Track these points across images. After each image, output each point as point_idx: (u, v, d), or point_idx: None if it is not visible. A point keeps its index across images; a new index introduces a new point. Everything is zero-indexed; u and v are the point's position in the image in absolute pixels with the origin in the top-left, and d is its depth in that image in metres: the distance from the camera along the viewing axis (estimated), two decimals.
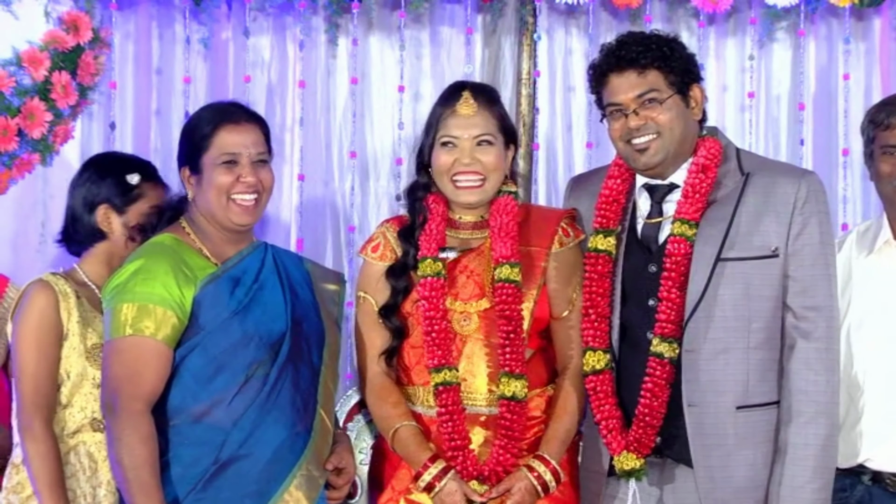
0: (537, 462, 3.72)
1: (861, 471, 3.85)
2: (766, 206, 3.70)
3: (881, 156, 3.87)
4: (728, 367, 3.66)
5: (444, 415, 3.71)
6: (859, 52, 4.97)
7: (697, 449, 3.67)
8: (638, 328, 3.73)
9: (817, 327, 3.66)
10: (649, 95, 3.68)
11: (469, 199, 3.82)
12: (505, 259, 3.75)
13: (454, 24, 4.97)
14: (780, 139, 5.01)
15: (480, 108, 3.81)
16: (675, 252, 3.67)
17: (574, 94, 5.04)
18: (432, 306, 3.74)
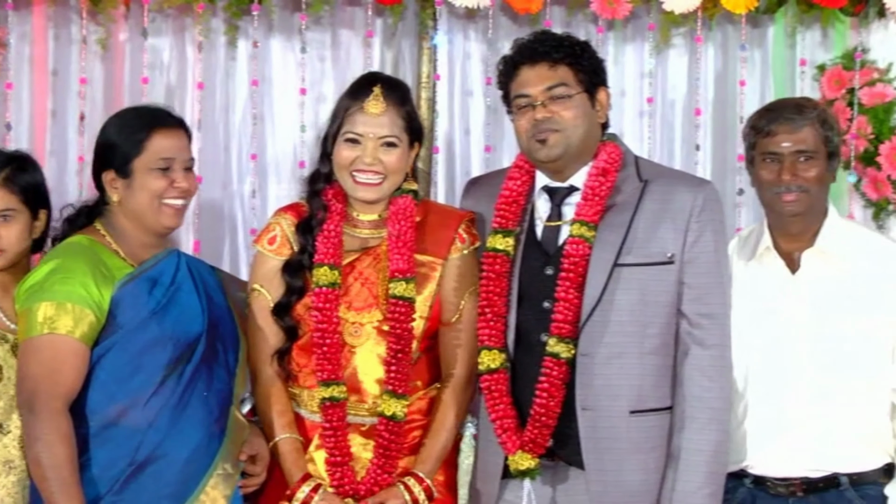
0: (413, 480, 3.73)
1: (743, 474, 3.88)
2: (663, 213, 3.73)
3: (762, 162, 3.89)
4: (623, 371, 3.69)
5: (329, 430, 3.71)
6: (755, 59, 5.02)
7: (590, 453, 3.69)
8: (532, 330, 3.75)
9: (711, 334, 3.71)
10: (558, 90, 3.72)
11: (366, 196, 3.79)
12: (401, 274, 3.73)
13: (354, 26, 4.97)
14: (676, 145, 5.06)
15: (389, 107, 3.77)
16: (574, 253, 3.69)
17: (473, 99, 5.06)
18: (325, 318, 3.72)
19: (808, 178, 3.83)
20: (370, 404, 3.74)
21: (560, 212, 3.81)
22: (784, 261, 3.90)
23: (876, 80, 4.85)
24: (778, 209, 3.87)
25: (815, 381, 3.81)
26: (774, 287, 3.90)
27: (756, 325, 3.87)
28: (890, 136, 4.81)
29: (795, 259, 3.90)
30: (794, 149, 3.84)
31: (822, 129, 3.86)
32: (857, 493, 3.82)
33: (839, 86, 4.87)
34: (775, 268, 3.91)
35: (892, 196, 4.82)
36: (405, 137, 3.80)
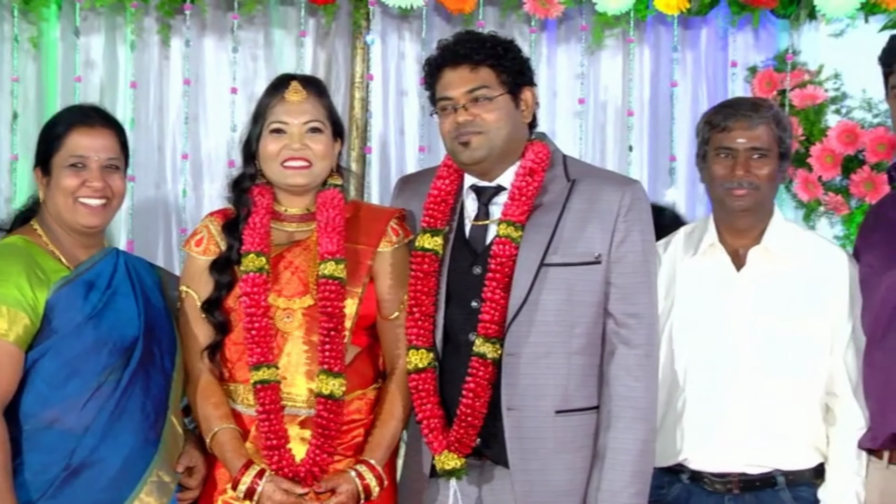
0: (364, 468, 3.71)
1: (680, 469, 3.91)
2: (590, 213, 3.74)
3: (715, 157, 3.92)
4: (549, 371, 3.70)
5: (263, 413, 3.69)
6: (687, 60, 5.06)
7: (515, 453, 3.69)
8: (460, 329, 3.75)
9: (638, 334, 3.72)
10: (479, 92, 3.71)
11: (297, 181, 3.79)
12: (330, 255, 3.73)
13: (287, 26, 4.97)
14: (609, 145, 5.08)
15: (310, 96, 3.81)
16: (501, 253, 3.69)
17: (407, 98, 5.07)
18: (254, 303, 3.71)
19: (761, 175, 3.88)
20: (305, 395, 3.73)
21: (488, 211, 3.81)
22: (730, 257, 3.94)
23: (807, 82, 4.89)
24: (728, 204, 3.91)
25: (754, 377, 3.85)
26: (718, 283, 3.94)
27: (698, 320, 3.91)
28: (821, 138, 4.85)
29: (741, 256, 3.94)
30: (748, 145, 3.88)
31: (776, 129, 3.91)
32: (791, 494, 3.86)
33: (770, 87, 4.90)
34: (720, 263, 3.95)
35: (823, 197, 4.85)
36: (329, 126, 3.82)
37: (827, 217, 4.90)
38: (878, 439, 3.79)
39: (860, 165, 4.77)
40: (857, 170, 4.78)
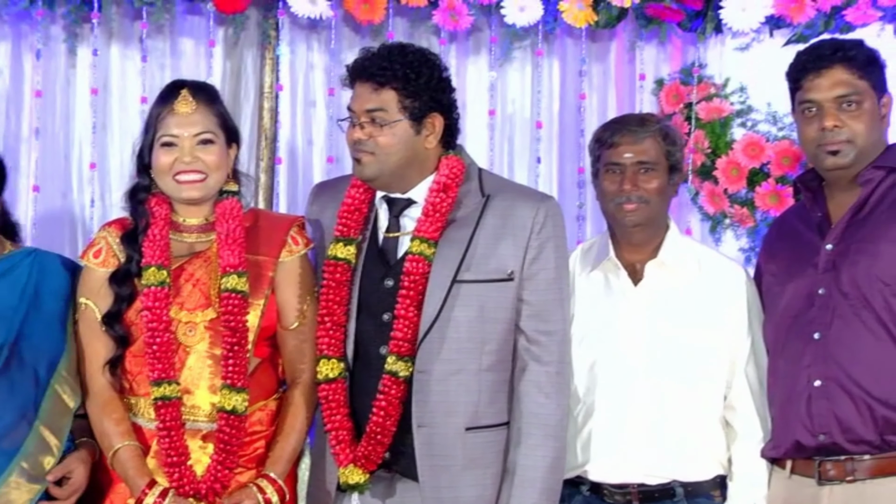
0: (265, 481, 3.72)
1: (580, 481, 3.92)
2: (503, 229, 3.75)
3: (605, 173, 3.96)
4: (459, 388, 3.71)
5: (163, 430, 3.67)
6: (595, 73, 5.07)
7: (425, 469, 3.70)
8: (371, 341, 3.75)
9: (549, 351, 3.75)
10: (377, 114, 3.70)
11: (192, 195, 3.77)
12: (232, 268, 3.72)
13: (196, 35, 4.94)
14: (519, 157, 5.09)
15: (200, 106, 3.77)
16: (413, 271, 3.69)
17: (316, 109, 5.05)
18: (156, 317, 3.69)
19: (649, 189, 3.91)
20: (208, 409, 3.71)
21: (399, 223, 3.81)
22: (626, 272, 3.96)
23: (713, 95, 4.92)
24: (619, 219, 3.94)
25: (652, 389, 3.88)
26: (617, 297, 3.96)
27: (598, 334, 3.92)
28: (727, 151, 4.88)
29: (638, 270, 3.96)
30: (635, 160, 3.91)
31: (663, 143, 3.94)
32: None
33: (677, 100, 4.94)
34: (618, 278, 3.96)
35: (729, 210, 4.88)
36: (221, 135, 3.80)
37: (732, 229, 4.93)
38: (781, 448, 3.83)
39: (765, 178, 4.81)
40: (763, 183, 4.81)
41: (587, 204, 4.88)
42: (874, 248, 3.72)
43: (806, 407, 3.75)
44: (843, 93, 3.79)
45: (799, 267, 3.85)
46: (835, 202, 3.87)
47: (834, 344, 3.73)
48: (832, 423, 3.72)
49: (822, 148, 3.80)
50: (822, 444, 3.74)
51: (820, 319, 3.76)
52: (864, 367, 3.70)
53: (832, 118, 3.78)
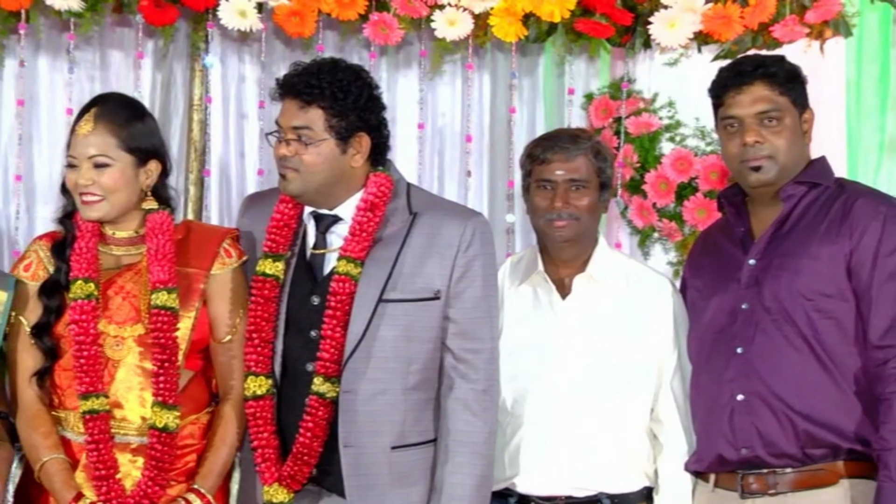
0: (194, 496, 3.71)
1: (508, 493, 3.93)
2: (430, 247, 3.75)
3: (536, 189, 3.97)
4: (385, 408, 3.71)
5: (92, 443, 3.65)
6: (525, 87, 5.07)
7: (352, 488, 3.70)
8: (298, 358, 3.75)
9: (476, 369, 3.75)
10: (303, 132, 3.68)
11: (89, 216, 3.75)
12: (162, 284, 3.70)
13: (124, 47, 4.91)
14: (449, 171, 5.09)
15: (98, 127, 3.73)
16: (340, 291, 3.68)
17: (247, 121, 5.03)
18: (83, 330, 3.67)
19: (580, 206, 3.92)
20: (138, 423, 3.69)
21: (325, 239, 3.80)
22: (555, 286, 3.97)
23: (642, 110, 4.93)
24: (550, 235, 3.95)
25: (580, 401, 3.89)
26: (545, 311, 3.97)
27: (526, 348, 3.93)
28: (655, 165, 4.89)
29: (567, 284, 3.97)
30: (567, 177, 3.92)
31: (595, 160, 3.95)
32: None
33: (606, 115, 4.94)
34: (546, 292, 3.97)
35: (657, 224, 4.90)
36: (122, 156, 3.74)
37: (661, 243, 4.94)
38: (705, 461, 3.85)
39: (693, 192, 4.82)
40: (691, 197, 4.83)
41: (516, 217, 4.87)
42: (795, 263, 3.75)
43: (729, 421, 3.77)
44: (763, 109, 3.81)
45: (722, 282, 3.87)
46: (757, 217, 3.90)
47: (756, 358, 3.75)
48: (754, 437, 3.74)
49: (745, 164, 3.82)
50: (744, 457, 3.76)
51: (743, 334, 3.79)
52: (785, 382, 3.72)
53: (753, 134, 3.80)
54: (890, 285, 3.67)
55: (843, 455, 3.70)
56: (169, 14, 4.67)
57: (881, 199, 3.86)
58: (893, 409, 3.61)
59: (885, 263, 3.68)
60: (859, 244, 3.70)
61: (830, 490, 3.70)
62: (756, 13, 4.76)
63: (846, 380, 3.71)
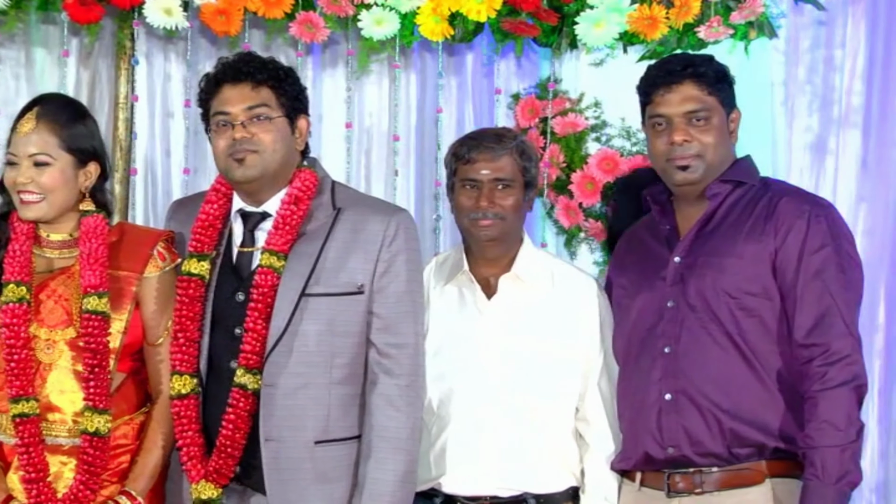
0: (125, 499, 3.68)
1: (434, 493, 3.92)
2: (354, 242, 3.74)
3: (461, 189, 3.96)
4: (308, 402, 3.68)
5: (22, 447, 3.62)
6: (452, 86, 5.08)
7: (273, 483, 3.66)
8: (223, 356, 3.72)
9: (400, 364, 3.72)
10: (259, 110, 3.70)
11: (28, 216, 3.72)
12: (93, 289, 3.67)
13: (49, 45, 4.85)
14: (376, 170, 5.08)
15: (40, 126, 3.71)
16: (263, 284, 3.67)
17: (173, 120, 4.99)
18: (13, 334, 3.64)
19: (505, 205, 3.91)
20: (70, 425, 3.67)
21: (253, 237, 3.78)
22: (480, 285, 3.96)
23: (568, 110, 4.91)
24: (475, 234, 3.94)
25: (506, 401, 3.88)
26: (470, 311, 3.96)
27: (452, 347, 3.92)
28: (581, 165, 4.87)
29: (492, 284, 3.97)
30: (492, 176, 3.91)
31: (520, 160, 3.95)
32: None
33: (533, 115, 4.92)
34: (472, 292, 3.96)
35: (584, 224, 4.88)
36: (62, 155, 3.72)
37: (587, 243, 4.92)
38: (632, 460, 3.83)
39: None
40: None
41: (443, 216, 4.85)
42: (720, 261, 3.74)
43: (656, 420, 3.75)
44: (692, 108, 3.80)
45: (648, 280, 3.87)
46: (683, 215, 3.89)
47: (683, 357, 3.74)
48: (681, 436, 3.73)
49: (672, 162, 3.81)
50: (671, 456, 3.74)
51: (669, 332, 3.78)
52: (712, 381, 3.71)
53: (682, 133, 3.79)
54: (815, 284, 3.66)
55: (768, 454, 3.69)
56: (94, 12, 4.61)
57: (805, 198, 3.87)
58: (819, 407, 3.60)
59: (809, 262, 3.68)
60: (784, 243, 3.70)
61: (755, 489, 3.69)
62: (681, 14, 4.77)
63: (771, 377, 3.71)
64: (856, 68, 5.15)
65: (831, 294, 3.64)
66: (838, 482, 3.55)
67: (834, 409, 3.57)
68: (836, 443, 3.55)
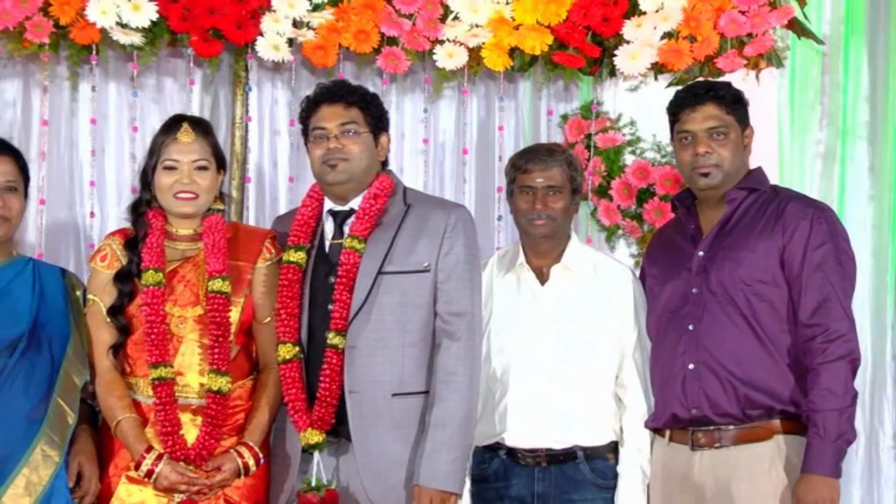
0: (243, 448, 3.72)
1: (498, 447, 3.92)
2: (421, 231, 3.77)
3: (519, 194, 3.97)
4: (385, 361, 3.71)
5: (159, 405, 3.67)
6: (510, 108, 5.03)
7: (357, 429, 3.70)
8: (319, 328, 3.76)
9: (460, 329, 3.73)
10: (349, 126, 3.76)
11: (185, 210, 3.79)
12: (217, 273, 3.73)
13: (178, 75, 4.86)
14: (448, 178, 5.05)
15: (198, 137, 3.79)
16: (347, 262, 3.73)
17: (280, 137, 4.97)
18: (153, 311, 3.69)
19: (556, 208, 3.92)
20: (197, 388, 3.71)
21: (342, 231, 3.83)
22: (535, 274, 3.96)
23: (608, 128, 4.88)
24: (530, 232, 3.95)
25: (556, 370, 3.88)
26: (526, 296, 3.96)
27: (512, 325, 3.93)
28: (619, 174, 4.84)
29: (545, 273, 3.97)
30: (545, 184, 3.92)
31: (568, 170, 3.96)
32: (589, 466, 3.88)
33: (579, 132, 4.89)
34: (528, 280, 3.96)
35: (621, 223, 4.85)
36: (213, 162, 3.82)
37: (624, 238, 4.88)
38: (661, 419, 3.84)
39: (651, 197, 4.78)
40: (649, 200, 4.78)
41: (503, 216, 4.81)
42: (737, 255, 3.74)
43: (681, 386, 3.76)
44: (713, 125, 3.81)
45: (676, 270, 3.86)
46: (705, 217, 3.89)
47: (704, 334, 3.74)
48: (702, 399, 3.73)
49: (696, 170, 3.82)
50: (694, 416, 3.75)
51: (693, 314, 3.77)
52: (728, 353, 3.71)
53: (704, 145, 3.80)
54: (816, 274, 3.67)
55: (776, 415, 3.69)
56: (215, 47, 4.63)
57: (809, 202, 3.86)
58: (820, 377, 3.60)
59: (812, 256, 3.68)
60: (791, 240, 3.70)
61: (765, 444, 3.70)
62: (703, 47, 4.73)
63: (779, 352, 3.70)
64: (858, 89, 5.12)
65: (830, 283, 3.65)
66: (837, 440, 3.56)
67: (833, 378, 3.58)
68: (835, 407, 3.56)
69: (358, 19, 4.63)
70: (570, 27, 4.68)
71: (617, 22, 4.70)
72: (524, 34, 4.69)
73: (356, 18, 4.63)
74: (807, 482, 3.57)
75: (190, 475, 3.65)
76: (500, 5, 4.70)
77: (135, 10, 4.52)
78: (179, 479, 3.64)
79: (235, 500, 3.73)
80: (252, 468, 3.72)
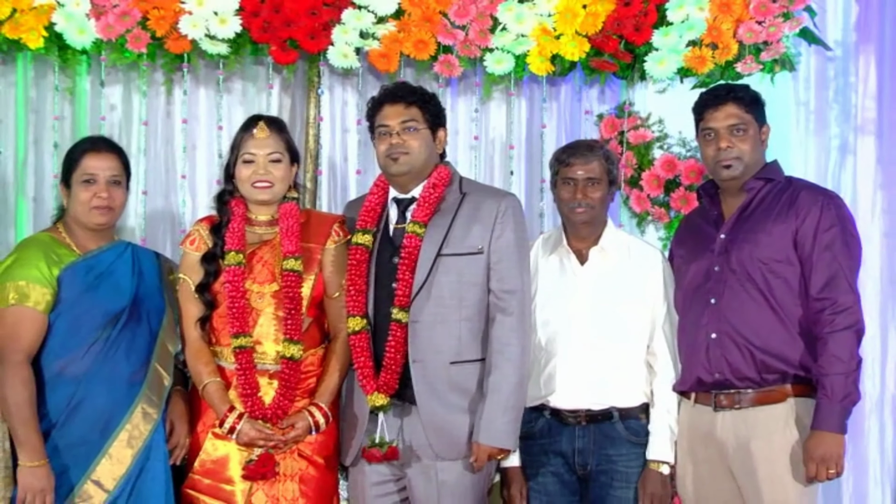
0: (314, 408, 3.74)
1: (543, 408, 3.93)
2: (475, 217, 3.78)
3: (562, 185, 3.97)
4: (444, 333, 3.72)
5: (240, 370, 3.70)
6: (553, 108, 5.02)
7: (421, 393, 3.73)
8: (384, 304, 3.78)
9: (511, 305, 3.74)
10: (409, 123, 3.76)
11: (263, 197, 3.81)
12: (291, 254, 3.75)
13: (259, 80, 4.90)
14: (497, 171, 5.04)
15: (272, 133, 3.82)
16: (409, 245, 3.74)
17: (349, 135, 4.99)
18: (234, 288, 3.73)
19: (595, 198, 3.92)
20: (273, 355, 3.73)
21: (405, 217, 3.83)
22: (575, 255, 3.97)
23: (639, 126, 4.87)
24: (572, 219, 3.95)
25: (595, 341, 3.89)
26: (568, 274, 3.96)
27: (555, 300, 3.93)
28: (649, 167, 4.84)
29: (584, 254, 3.97)
30: (585, 176, 3.92)
31: (606, 163, 3.96)
32: (623, 425, 3.88)
33: (613, 129, 4.89)
34: (569, 260, 3.97)
35: (651, 210, 4.84)
36: (287, 155, 3.83)
37: (653, 224, 4.88)
38: (687, 383, 3.85)
39: (678, 187, 4.78)
40: (676, 190, 4.78)
41: (546, 205, 4.82)
42: (755, 237, 3.75)
43: (705, 353, 3.77)
44: (733, 122, 3.81)
45: (700, 251, 3.87)
46: (727, 204, 3.89)
47: (725, 307, 3.75)
48: (724, 365, 3.75)
49: (719, 163, 3.82)
50: (716, 380, 3.76)
51: (715, 289, 3.78)
52: (747, 324, 3.73)
53: (725, 141, 3.80)
54: (826, 254, 3.67)
55: (789, 379, 3.70)
56: (291, 56, 4.67)
57: (819, 190, 3.86)
58: (828, 345, 3.61)
59: (822, 238, 3.68)
60: (803, 224, 3.70)
61: (780, 406, 3.70)
62: (723, 54, 4.72)
63: (792, 322, 3.71)
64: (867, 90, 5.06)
65: (838, 262, 3.66)
66: (843, 400, 3.58)
67: (840, 346, 3.59)
68: (841, 371, 3.57)
69: (417, 30, 4.67)
70: (606, 36, 4.70)
71: (647, 31, 4.71)
72: (564, 43, 4.71)
73: (416, 29, 4.67)
74: (816, 438, 3.58)
75: (267, 432, 3.69)
76: (543, 17, 4.71)
77: (221, 23, 4.58)
78: (258, 435, 3.68)
79: (308, 454, 3.77)
80: (322, 426, 3.75)
